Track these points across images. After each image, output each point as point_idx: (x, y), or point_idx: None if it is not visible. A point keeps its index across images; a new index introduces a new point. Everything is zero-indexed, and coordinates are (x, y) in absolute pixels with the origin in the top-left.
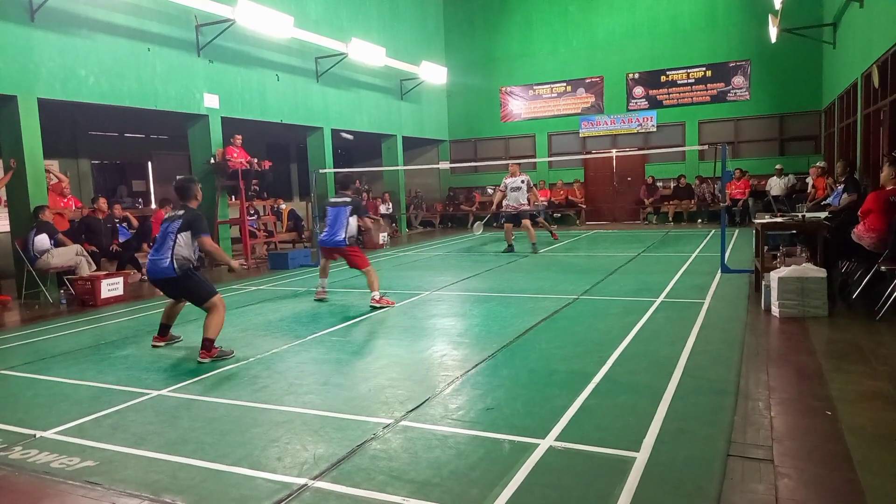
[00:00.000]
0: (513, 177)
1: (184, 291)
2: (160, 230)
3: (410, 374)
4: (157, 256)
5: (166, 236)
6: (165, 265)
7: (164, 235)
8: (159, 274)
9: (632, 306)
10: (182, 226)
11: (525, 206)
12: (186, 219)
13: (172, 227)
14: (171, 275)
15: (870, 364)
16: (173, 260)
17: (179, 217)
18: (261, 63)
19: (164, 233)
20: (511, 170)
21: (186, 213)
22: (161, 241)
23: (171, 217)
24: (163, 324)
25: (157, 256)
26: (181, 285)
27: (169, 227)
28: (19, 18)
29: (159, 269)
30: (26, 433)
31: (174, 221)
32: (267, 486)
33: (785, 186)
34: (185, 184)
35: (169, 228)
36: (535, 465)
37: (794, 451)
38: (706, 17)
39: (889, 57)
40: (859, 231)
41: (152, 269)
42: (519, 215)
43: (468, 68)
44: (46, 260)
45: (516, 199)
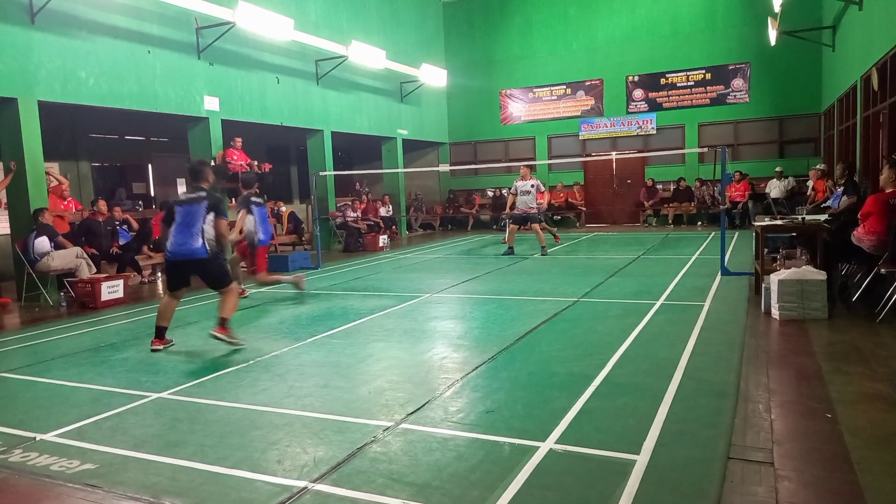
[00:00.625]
0: (523, 180)
1: (208, 273)
2: (181, 212)
3: (410, 376)
4: (185, 238)
5: (193, 218)
6: (197, 246)
7: (189, 217)
8: (188, 255)
9: (632, 308)
10: (208, 207)
11: (534, 210)
12: (212, 201)
13: (198, 209)
14: (203, 255)
15: (870, 366)
16: (204, 241)
17: (203, 199)
18: (261, 65)
19: (189, 214)
20: (522, 173)
21: (210, 196)
22: (186, 222)
23: (190, 199)
24: (160, 326)
25: (185, 238)
26: (207, 266)
27: (192, 208)
28: (19, 20)
29: (189, 250)
30: (26, 436)
31: (198, 203)
32: (267, 489)
33: (785, 189)
34: (198, 166)
35: (193, 210)
36: (536, 468)
37: (794, 453)
38: (705, 20)
39: (888, 59)
40: (859, 233)
41: (179, 251)
42: (528, 218)
43: (468, 71)
44: (46, 262)
45: (525, 203)
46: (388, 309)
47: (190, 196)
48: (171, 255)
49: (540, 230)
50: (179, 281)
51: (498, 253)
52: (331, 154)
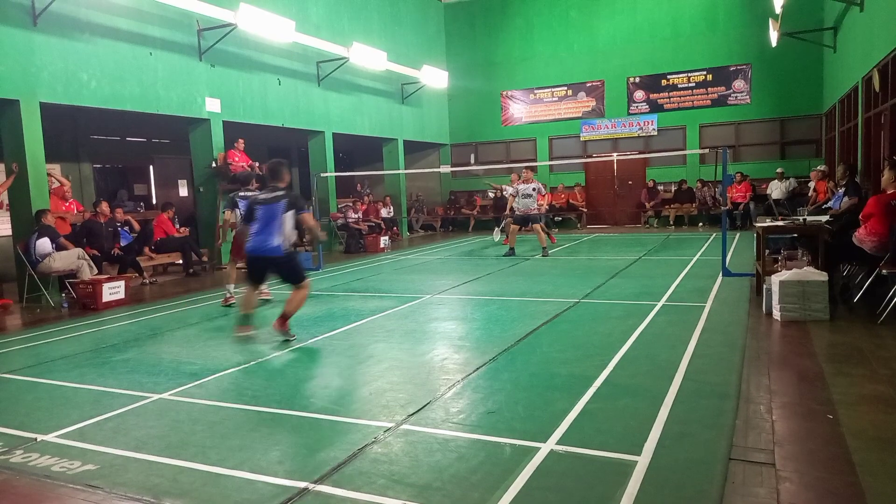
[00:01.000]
0: (525, 183)
1: (285, 270)
2: (261, 211)
3: (411, 377)
4: (265, 237)
5: (272, 217)
6: (274, 245)
7: (268, 217)
8: (267, 252)
9: (633, 310)
10: (287, 206)
11: (534, 212)
12: (290, 199)
13: (277, 209)
14: (279, 254)
15: (871, 367)
16: (282, 239)
17: (281, 198)
18: (262, 67)
19: (269, 214)
20: (524, 176)
21: (288, 194)
22: (266, 222)
23: (269, 199)
24: (245, 314)
25: (265, 237)
26: (284, 264)
27: (271, 208)
28: (21, 22)
29: (267, 249)
30: (27, 437)
31: (276, 203)
32: (268, 490)
33: (786, 190)
34: (276, 166)
35: (273, 210)
36: (536, 469)
37: (796, 455)
38: (707, 21)
39: (889, 60)
40: (860, 234)
41: (258, 248)
42: (529, 219)
43: (469, 72)
44: (48, 263)
45: (526, 206)
46: (389, 310)
47: (269, 196)
48: (251, 252)
49: (541, 231)
50: (259, 276)
51: (499, 254)
52: (332, 155)
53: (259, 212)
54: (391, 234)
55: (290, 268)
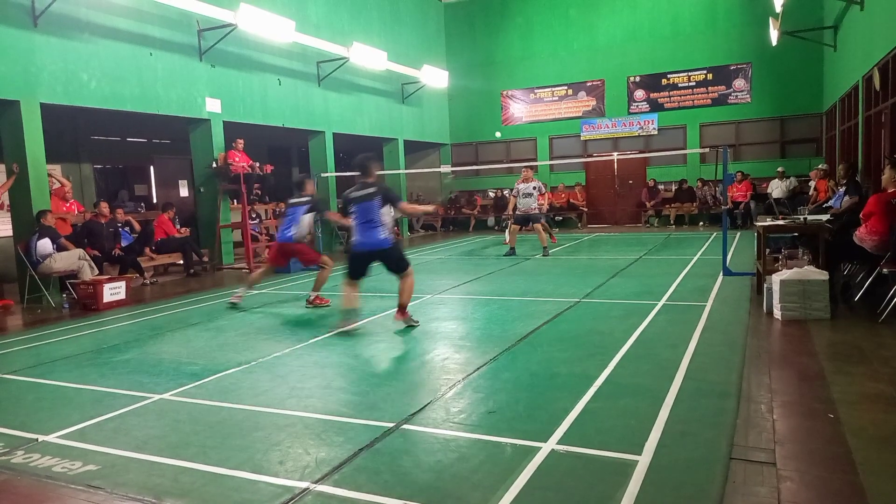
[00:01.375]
0: (525, 182)
1: (392, 258)
2: (358, 209)
3: (412, 377)
4: (370, 231)
5: (371, 213)
6: (382, 237)
7: (367, 212)
8: (375, 246)
9: (633, 309)
10: (383, 201)
11: (535, 211)
12: (383, 193)
13: (373, 204)
14: (387, 245)
15: (872, 366)
16: (386, 230)
17: (375, 194)
18: (262, 67)
19: (367, 210)
20: (524, 175)
21: (379, 189)
22: (367, 218)
23: (362, 196)
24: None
25: (370, 231)
26: (391, 253)
27: (368, 205)
28: (22, 23)
29: (375, 242)
30: (28, 437)
31: (371, 199)
32: (269, 490)
33: (786, 189)
34: (364, 161)
35: (369, 206)
36: (537, 469)
37: (797, 454)
38: (707, 20)
39: (890, 59)
40: (861, 233)
41: (366, 243)
42: (529, 219)
43: (469, 72)
44: (49, 264)
45: (527, 205)
46: (389, 310)
47: (361, 193)
48: (357, 247)
49: (542, 230)
50: (362, 271)
51: (499, 254)
52: (332, 155)
53: (357, 210)
54: None
55: (395, 256)
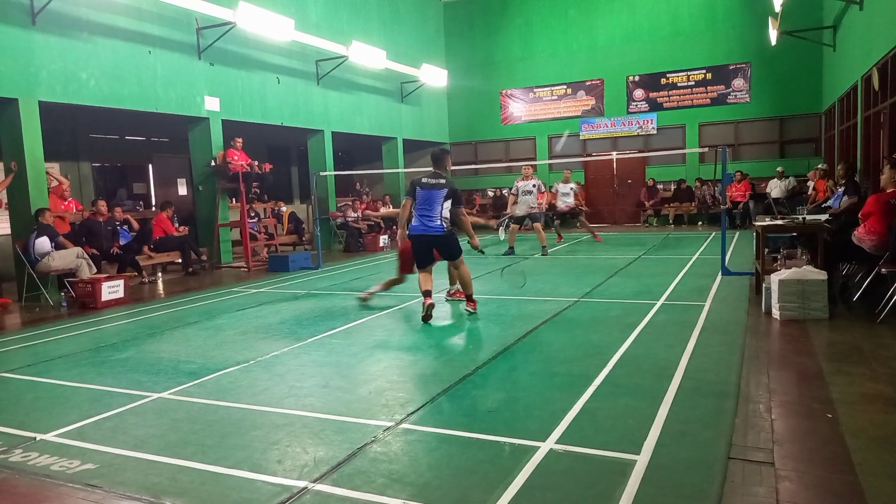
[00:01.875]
0: (525, 180)
1: (445, 246)
2: (423, 195)
3: (411, 376)
4: (427, 217)
5: (433, 201)
6: (436, 224)
7: (431, 199)
8: (428, 231)
9: (632, 309)
10: (448, 194)
11: (535, 210)
12: (451, 189)
13: (439, 194)
14: (440, 232)
15: (870, 366)
16: (442, 221)
17: (444, 186)
18: (261, 66)
19: (432, 197)
20: (524, 173)
21: (450, 183)
22: (429, 204)
23: (431, 184)
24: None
25: (427, 217)
26: (445, 241)
27: (434, 193)
28: (20, 21)
29: (429, 227)
30: (26, 436)
31: (439, 189)
32: (267, 489)
33: (785, 189)
34: (440, 154)
35: (434, 195)
36: (536, 468)
37: (795, 454)
38: (706, 20)
39: (889, 59)
40: (860, 233)
41: (421, 228)
42: (530, 218)
43: (468, 71)
44: (47, 262)
45: (527, 203)
46: (388, 309)
47: (431, 181)
48: (413, 231)
49: (542, 230)
50: (425, 257)
51: (498, 253)
52: (331, 154)
53: (420, 195)
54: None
55: (449, 245)
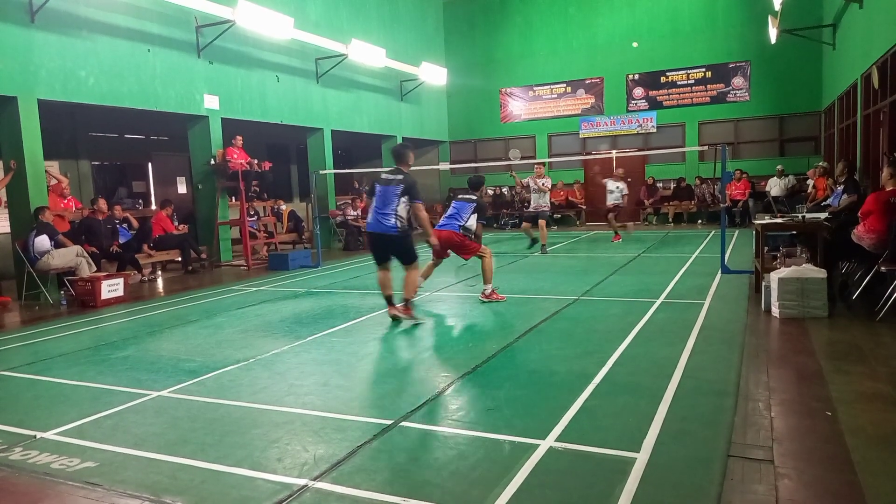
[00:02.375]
0: (539, 178)
1: (397, 249)
2: (380, 191)
3: (411, 374)
4: (382, 214)
5: (390, 197)
6: (391, 223)
7: (386, 196)
8: (381, 229)
9: (632, 307)
10: (403, 190)
11: (544, 208)
12: (406, 184)
13: (394, 190)
14: (393, 232)
15: (870, 365)
16: (396, 219)
17: (400, 181)
18: (261, 64)
19: (387, 194)
20: (537, 171)
21: (406, 179)
22: (384, 200)
23: (388, 179)
24: (386, 295)
25: (382, 214)
26: (397, 243)
27: (390, 189)
28: (19, 19)
29: (383, 226)
30: (27, 434)
31: (395, 185)
32: (267, 487)
33: (785, 187)
34: (400, 149)
35: (391, 190)
36: (536, 466)
37: (794, 452)
38: (706, 19)
39: (889, 58)
40: (859, 232)
41: (375, 225)
42: (538, 216)
43: (468, 69)
44: (47, 261)
45: (537, 201)
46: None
47: (388, 177)
48: (368, 228)
49: (545, 228)
50: (382, 255)
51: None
52: (331, 152)
53: (378, 192)
54: None
55: (402, 247)
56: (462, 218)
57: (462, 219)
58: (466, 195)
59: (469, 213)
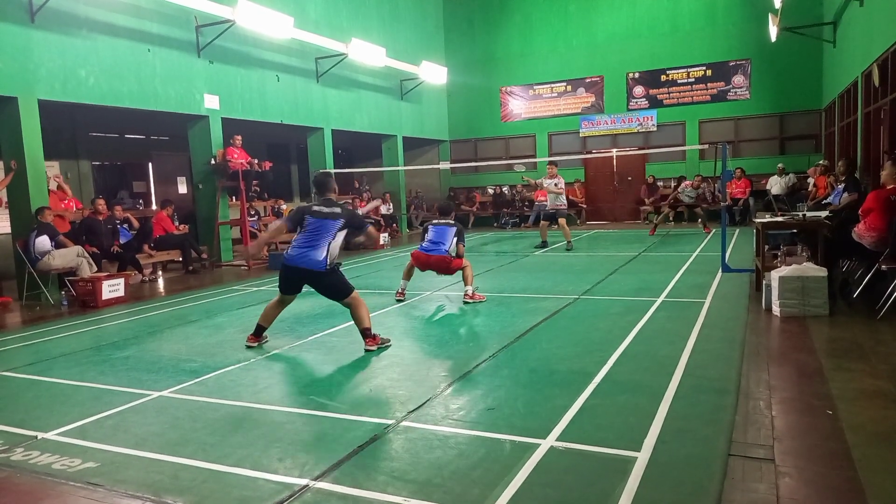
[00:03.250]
0: (550, 178)
1: (326, 286)
2: (313, 224)
3: (411, 374)
4: (309, 249)
5: (324, 233)
6: (319, 259)
7: (319, 231)
8: (306, 264)
9: (632, 306)
10: (344, 225)
11: (562, 207)
12: (347, 218)
13: (332, 226)
14: (321, 269)
15: (870, 363)
16: (328, 256)
17: (338, 216)
18: (261, 63)
19: (320, 229)
20: (549, 171)
21: (345, 213)
22: (314, 235)
23: (326, 213)
24: (260, 324)
25: (309, 249)
26: (325, 280)
27: (325, 224)
28: (19, 19)
29: (309, 261)
30: (28, 434)
31: (332, 219)
32: (268, 487)
33: (785, 185)
34: (323, 178)
35: (326, 226)
36: (536, 465)
37: (795, 450)
38: (706, 17)
39: (889, 55)
40: (860, 230)
41: (299, 259)
42: (557, 214)
43: (468, 68)
44: (47, 261)
45: (553, 201)
46: (388, 307)
47: (325, 210)
48: (288, 261)
49: (566, 226)
50: (291, 287)
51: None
52: (331, 152)
53: (310, 224)
54: (391, 231)
55: (331, 284)
56: (446, 243)
57: (447, 243)
58: (443, 220)
59: (451, 238)
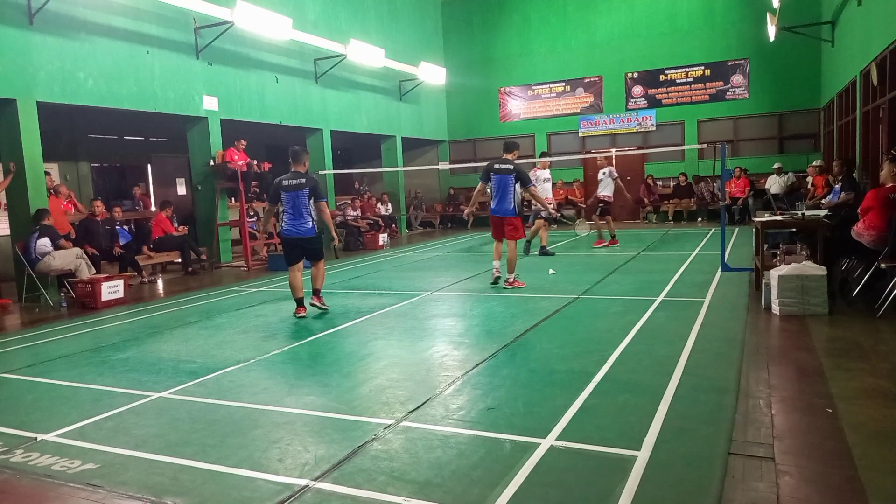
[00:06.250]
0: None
1: (313, 247)
2: (289, 198)
3: (411, 374)
4: (298, 221)
5: (300, 204)
6: (309, 226)
7: (296, 203)
8: (303, 234)
9: (632, 305)
10: (310, 193)
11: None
12: (311, 186)
13: (303, 195)
14: (313, 234)
15: (870, 361)
16: (313, 222)
17: (305, 185)
18: (260, 65)
19: (296, 201)
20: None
21: (310, 181)
22: (295, 208)
23: (292, 185)
24: (297, 297)
25: (298, 221)
26: (315, 243)
27: (298, 195)
28: (18, 22)
29: (303, 230)
30: (27, 436)
31: (301, 189)
32: (268, 488)
33: (784, 185)
34: (298, 151)
35: (299, 197)
36: (537, 465)
37: (795, 449)
38: (704, 16)
39: (888, 54)
40: (859, 228)
41: (294, 231)
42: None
43: (467, 69)
44: (47, 263)
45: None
46: (388, 307)
47: (292, 182)
48: (285, 233)
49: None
50: (295, 256)
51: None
52: (330, 153)
53: (286, 198)
54: (390, 232)
55: (317, 246)
56: (510, 198)
57: (511, 199)
58: (502, 164)
59: (512, 189)
